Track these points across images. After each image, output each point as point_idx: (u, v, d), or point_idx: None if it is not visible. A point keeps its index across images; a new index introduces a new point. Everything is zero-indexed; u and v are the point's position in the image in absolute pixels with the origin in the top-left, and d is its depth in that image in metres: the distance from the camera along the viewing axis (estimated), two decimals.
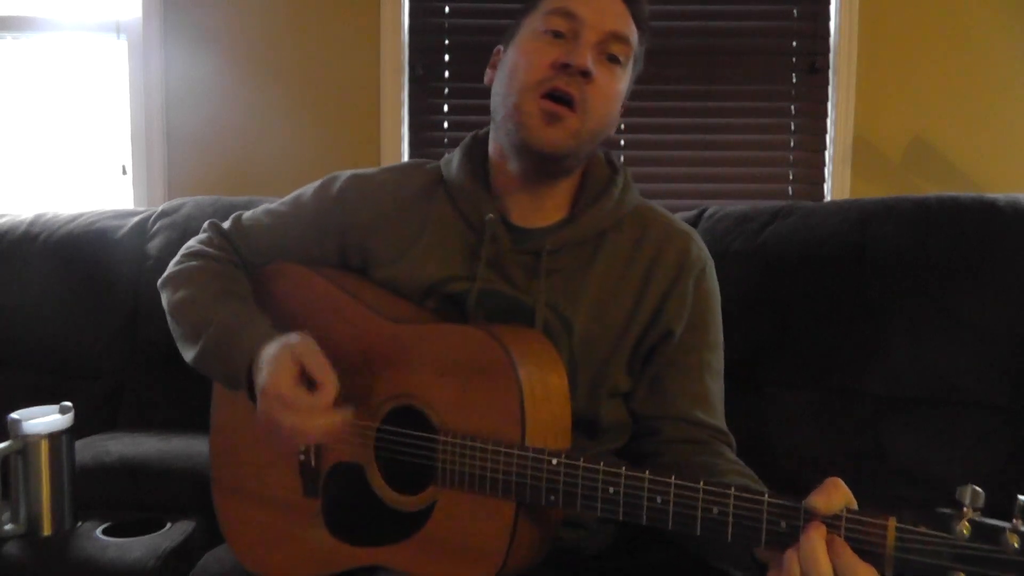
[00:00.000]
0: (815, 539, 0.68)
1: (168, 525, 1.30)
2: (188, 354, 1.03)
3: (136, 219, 1.81)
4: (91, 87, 2.38)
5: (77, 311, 1.73)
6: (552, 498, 0.82)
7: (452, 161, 1.09)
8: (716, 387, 1.04)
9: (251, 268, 1.12)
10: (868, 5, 2.21)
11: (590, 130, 0.96)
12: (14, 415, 1.23)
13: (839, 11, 2.21)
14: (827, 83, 2.26)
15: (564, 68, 0.93)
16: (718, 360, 1.05)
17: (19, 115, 2.41)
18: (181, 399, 1.66)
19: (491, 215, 1.00)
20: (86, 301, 1.73)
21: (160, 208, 1.82)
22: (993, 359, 1.33)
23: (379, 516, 0.93)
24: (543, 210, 1.03)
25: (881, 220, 1.42)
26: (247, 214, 1.15)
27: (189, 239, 1.16)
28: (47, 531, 1.24)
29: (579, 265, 1.01)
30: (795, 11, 2.27)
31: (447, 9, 2.29)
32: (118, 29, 2.29)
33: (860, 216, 1.44)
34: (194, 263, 1.09)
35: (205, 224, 1.17)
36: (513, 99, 0.96)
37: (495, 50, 1.07)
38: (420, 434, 0.91)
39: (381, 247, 1.06)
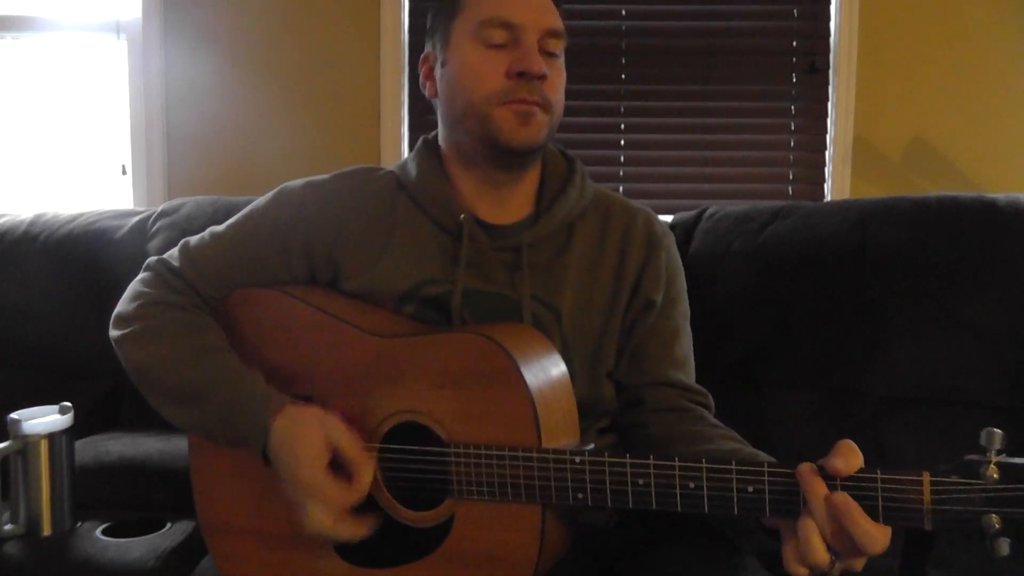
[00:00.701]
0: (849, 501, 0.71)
1: (168, 525, 1.30)
2: (174, 419, 0.98)
3: (136, 219, 1.81)
4: (91, 87, 2.38)
5: (77, 311, 1.73)
6: (580, 496, 0.82)
7: (408, 166, 1.08)
8: (689, 350, 1.09)
9: (211, 302, 1.05)
10: (868, 5, 2.21)
11: (554, 121, 1.01)
12: (14, 415, 1.23)
13: (839, 11, 2.21)
14: (827, 83, 2.26)
15: (521, 76, 0.95)
16: (688, 327, 1.10)
17: (19, 115, 2.41)
18: None
19: (464, 215, 1.01)
20: (86, 301, 1.73)
21: (160, 208, 1.82)
22: (993, 359, 1.33)
23: (393, 536, 0.91)
24: (508, 206, 1.05)
25: (881, 220, 1.42)
26: (193, 242, 1.07)
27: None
28: (47, 531, 1.24)
29: (555, 255, 1.03)
30: (795, 11, 2.26)
31: None
32: (118, 29, 2.29)
33: (860, 216, 1.44)
34: (153, 315, 1.01)
35: (151, 261, 1.08)
36: (477, 110, 0.97)
37: (422, 57, 1.07)
38: (429, 448, 0.89)
39: (350, 257, 1.03)
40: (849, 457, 0.72)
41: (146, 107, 2.27)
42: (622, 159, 2.27)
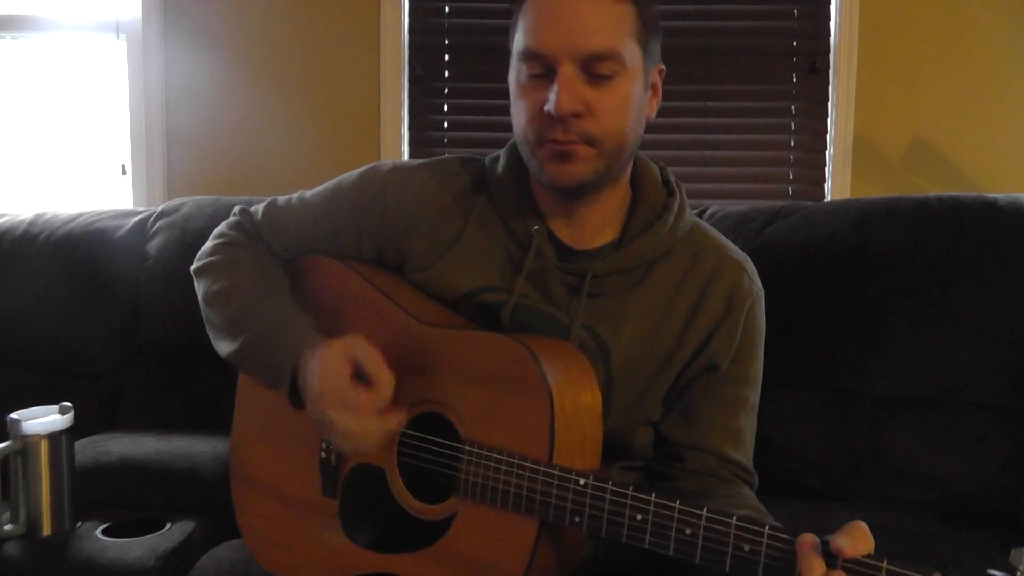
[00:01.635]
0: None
1: (168, 525, 1.30)
2: (223, 348, 1.02)
3: (136, 219, 1.81)
4: (91, 87, 2.38)
5: (77, 311, 1.73)
6: (577, 519, 0.80)
7: (498, 163, 1.03)
8: (749, 424, 1.01)
9: (281, 259, 1.10)
10: (868, 5, 2.21)
11: (609, 151, 0.91)
12: (14, 415, 1.23)
13: (839, 11, 2.21)
14: (827, 83, 2.26)
15: (549, 116, 0.88)
16: (755, 395, 1.02)
17: (19, 115, 2.41)
18: (181, 399, 1.66)
19: (537, 227, 0.97)
20: (86, 301, 1.73)
21: (160, 208, 1.82)
22: (993, 359, 1.33)
23: (397, 523, 0.92)
24: (587, 227, 0.99)
25: (881, 220, 1.42)
26: (280, 202, 1.11)
27: (189, 239, 1.15)
28: (47, 531, 1.24)
29: (624, 290, 0.97)
30: (795, 11, 2.26)
31: (447, 9, 2.29)
32: (118, 29, 2.29)
33: (860, 216, 1.44)
34: (231, 252, 1.08)
35: (237, 208, 1.14)
36: (523, 145, 0.94)
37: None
38: (445, 442, 0.89)
39: (418, 250, 1.02)
40: (858, 540, 0.67)
41: (146, 107, 2.27)
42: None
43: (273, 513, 1.03)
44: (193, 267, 1.10)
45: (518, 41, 0.92)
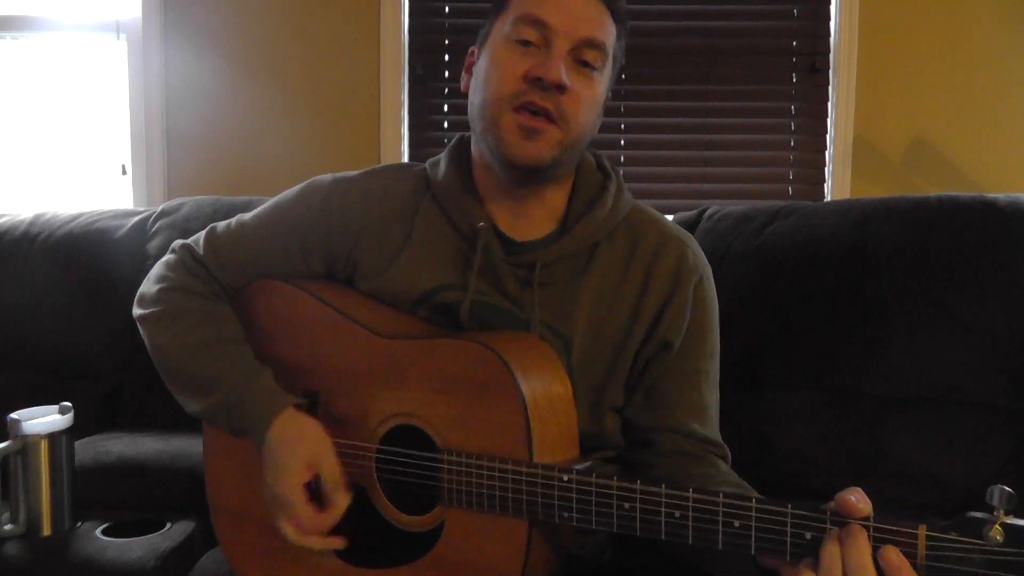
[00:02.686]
0: (862, 545, 0.66)
1: (168, 525, 1.30)
2: (188, 406, 1.00)
3: (136, 219, 1.81)
4: (91, 87, 2.38)
5: (77, 311, 1.73)
6: (566, 515, 0.80)
7: (439, 164, 1.05)
8: (712, 397, 1.02)
9: (229, 290, 1.07)
10: (868, 5, 2.21)
11: (572, 139, 0.93)
12: (14, 415, 1.23)
13: (839, 11, 2.21)
14: (827, 83, 2.26)
15: (537, 81, 0.89)
16: (715, 368, 1.03)
17: (19, 115, 2.41)
18: None
19: (482, 223, 0.97)
20: (86, 301, 1.73)
21: (160, 208, 1.82)
22: (993, 359, 1.33)
23: (387, 538, 0.92)
24: (531, 219, 1.00)
25: (881, 220, 1.42)
26: (220, 228, 1.08)
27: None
28: (47, 531, 1.24)
29: (572, 277, 0.98)
30: (795, 11, 2.26)
31: (447, 9, 2.29)
32: (118, 29, 2.29)
33: (860, 216, 1.44)
34: (175, 299, 1.03)
35: (176, 245, 1.10)
36: (489, 112, 0.94)
37: (469, 51, 1.03)
38: (421, 454, 0.89)
39: (368, 257, 1.02)
40: (860, 499, 0.68)
41: (146, 107, 2.27)
42: (622, 159, 2.27)
43: (260, 542, 1.01)
44: (136, 314, 1.06)
45: (512, 7, 0.94)
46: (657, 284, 0.98)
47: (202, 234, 1.09)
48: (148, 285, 1.07)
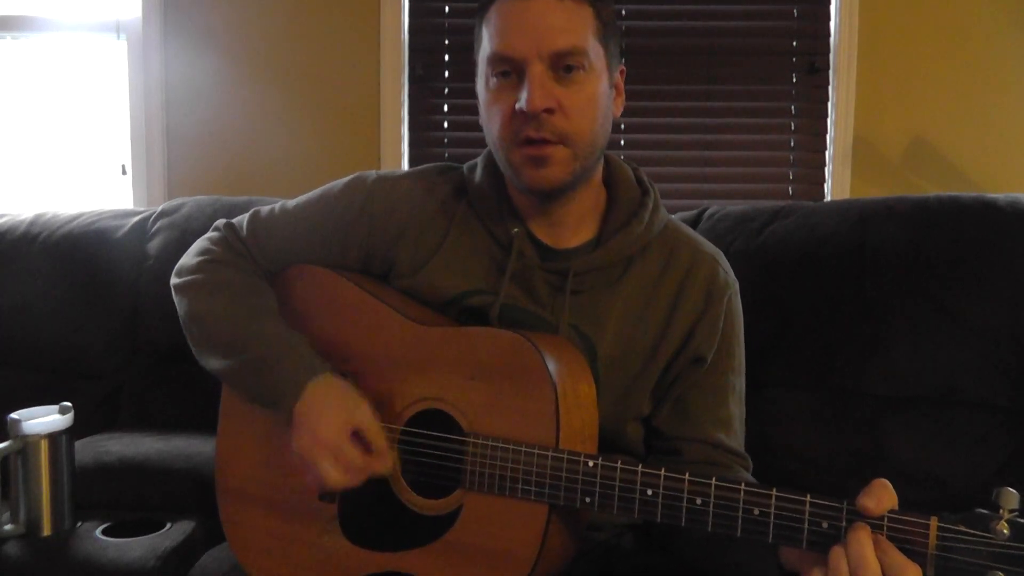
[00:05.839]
0: (863, 539, 0.69)
1: (168, 525, 1.30)
2: (213, 364, 1.01)
3: (136, 219, 1.81)
4: (91, 87, 2.38)
5: (77, 311, 1.73)
6: (588, 500, 0.82)
7: (476, 170, 1.06)
8: (739, 411, 1.04)
9: (267, 273, 1.10)
10: (868, 5, 2.21)
11: (583, 150, 0.94)
12: (14, 415, 1.23)
13: (839, 11, 2.21)
14: (827, 83, 2.26)
15: (523, 115, 0.90)
16: (741, 383, 1.06)
17: (19, 115, 2.41)
18: (181, 399, 1.66)
19: (517, 229, 0.99)
20: (86, 301, 1.73)
21: (160, 208, 1.82)
22: (993, 359, 1.33)
23: (400, 520, 0.92)
24: (566, 226, 1.02)
25: (881, 220, 1.42)
26: (264, 213, 1.11)
27: (189, 239, 1.14)
28: (47, 531, 1.24)
29: (605, 287, 1.00)
30: (795, 11, 2.27)
31: (447, 9, 2.29)
32: (118, 29, 2.29)
33: (860, 216, 1.44)
34: (217, 270, 1.06)
35: (220, 223, 1.13)
36: (499, 151, 0.96)
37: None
38: (449, 436, 0.90)
39: (404, 257, 1.04)
40: (882, 497, 0.71)
41: (146, 107, 2.27)
42: (622, 159, 2.26)
43: (264, 523, 1.02)
44: (174, 282, 1.08)
45: (484, 48, 0.95)
46: (689, 300, 1.00)
47: (245, 216, 1.12)
48: (188, 258, 1.10)
